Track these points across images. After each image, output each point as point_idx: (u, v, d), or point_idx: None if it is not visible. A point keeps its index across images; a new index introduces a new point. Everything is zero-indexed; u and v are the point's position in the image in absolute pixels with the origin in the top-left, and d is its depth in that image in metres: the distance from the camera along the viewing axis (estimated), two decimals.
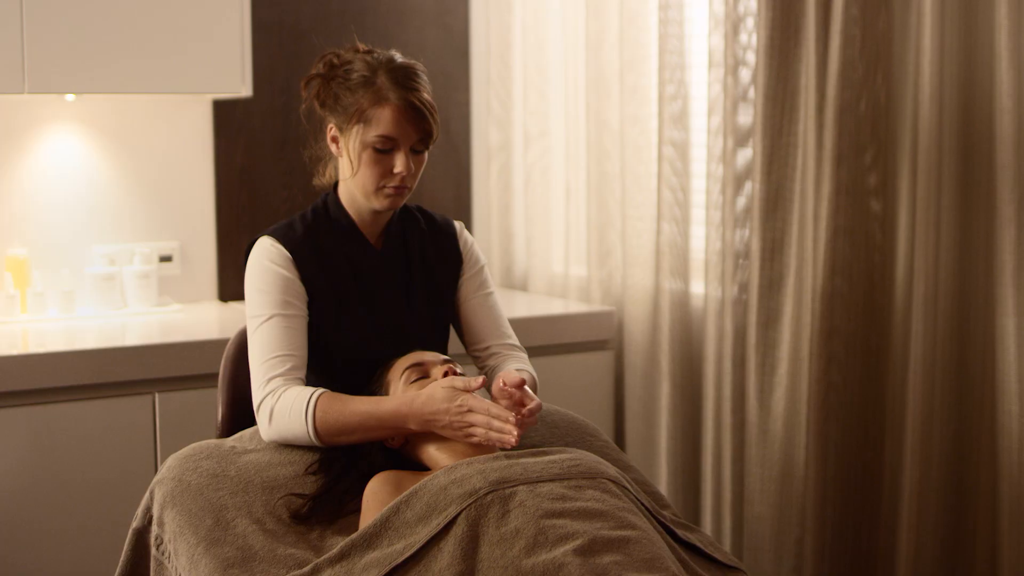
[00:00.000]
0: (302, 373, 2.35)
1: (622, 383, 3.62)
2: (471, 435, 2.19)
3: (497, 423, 2.17)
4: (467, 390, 2.20)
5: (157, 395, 3.06)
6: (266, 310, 2.36)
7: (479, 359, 2.59)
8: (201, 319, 3.44)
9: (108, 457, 3.02)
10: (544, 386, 3.35)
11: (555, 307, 3.68)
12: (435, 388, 2.23)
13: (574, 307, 3.65)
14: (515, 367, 2.52)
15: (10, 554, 2.94)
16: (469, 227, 4.14)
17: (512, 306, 3.71)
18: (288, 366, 2.32)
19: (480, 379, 2.22)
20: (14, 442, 2.93)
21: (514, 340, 2.61)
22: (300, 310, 2.38)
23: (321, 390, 2.29)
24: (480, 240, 4.15)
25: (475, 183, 4.16)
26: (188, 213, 3.70)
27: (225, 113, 3.73)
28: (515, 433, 2.15)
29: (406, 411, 2.24)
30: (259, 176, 3.78)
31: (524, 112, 3.96)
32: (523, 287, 4.05)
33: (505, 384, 2.21)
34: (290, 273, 2.38)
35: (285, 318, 2.35)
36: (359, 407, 2.27)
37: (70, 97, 3.49)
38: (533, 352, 3.39)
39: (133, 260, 3.54)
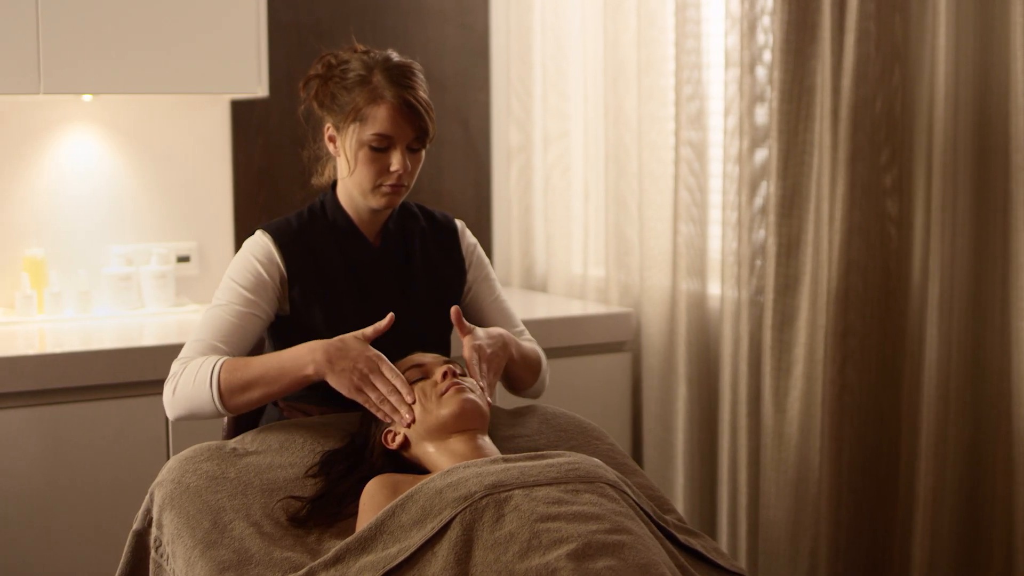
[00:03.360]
0: None
1: (639, 385, 3.60)
2: (361, 391, 2.22)
3: (394, 399, 2.20)
4: (376, 332, 2.25)
5: None
6: (225, 298, 2.39)
7: None
8: None
9: (120, 458, 3.02)
10: (562, 388, 3.33)
11: (574, 308, 3.66)
12: (348, 336, 2.26)
13: (592, 308, 3.64)
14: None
15: (23, 553, 2.95)
16: (489, 228, 4.13)
17: (532, 307, 3.69)
18: (208, 353, 2.34)
19: (388, 317, 2.26)
20: (29, 442, 2.94)
21: (525, 334, 2.64)
22: (262, 311, 2.39)
23: (227, 357, 2.31)
24: (500, 241, 4.14)
25: (495, 184, 4.14)
26: (206, 213, 3.70)
27: (243, 113, 3.73)
28: (406, 420, 2.19)
29: (306, 352, 2.25)
30: (277, 176, 3.79)
31: (544, 112, 3.94)
32: (543, 288, 4.03)
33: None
34: (267, 273, 2.40)
35: (237, 313, 2.37)
36: (261, 360, 2.29)
37: (87, 98, 3.49)
38: (552, 353, 3.38)
39: (150, 260, 3.55)
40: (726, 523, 3.26)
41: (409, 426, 2.20)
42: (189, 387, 2.30)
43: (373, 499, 2.09)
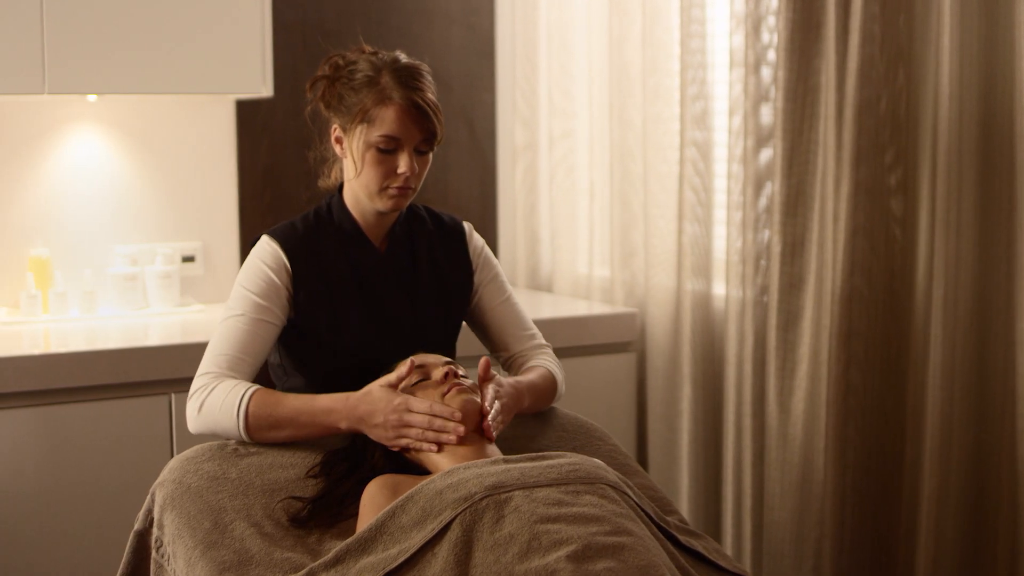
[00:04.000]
0: (243, 377, 2.34)
1: (644, 385, 3.60)
2: (402, 436, 2.19)
3: (439, 422, 2.18)
4: (399, 382, 2.22)
5: (173, 395, 3.05)
6: (240, 307, 2.37)
7: (506, 364, 2.59)
8: None
9: (125, 457, 3.02)
10: (567, 388, 3.31)
11: (579, 308, 3.65)
12: (373, 386, 2.24)
13: (598, 308, 3.63)
14: (531, 364, 2.54)
15: (27, 551, 2.95)
16: (494, 227, 4.13)
17: (537, 307, 3.69)
18: (231, 366, 2.33)
19: (408, 363, 2.23)
20: (34, 441, 2.94)
21: (538, 338, 2.62)
22: (275, 317, 2.38)
23: (257, 386, 2.29)
24: (505, 240, 4.14)
25: (500, 183, 4.14)
26: (211, 213, 3.70)
27: (248, 113, 3.73)
28: (459, 431, 2.16)
29: (340, 407, 2.24)
30: (282, 176, 3.78)
31: (549, 112, 3.94)
32: (548, 288, 4.03)
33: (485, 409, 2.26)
34: (278, 278, 2.38)
35: (253, 321, 2.36)
36: (294, 403, 2.27)
37: (92, 97, 3.50)
38: (557, 354, 3.36)
39: (155, 260, 3.55)
40: (730, 524, 3.25)
41: (461, 441, 2.18)
42: (215, 411, 2.28)
43: (373, 500, 2.09)
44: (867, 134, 2.81)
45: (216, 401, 2.28)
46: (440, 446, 2.18)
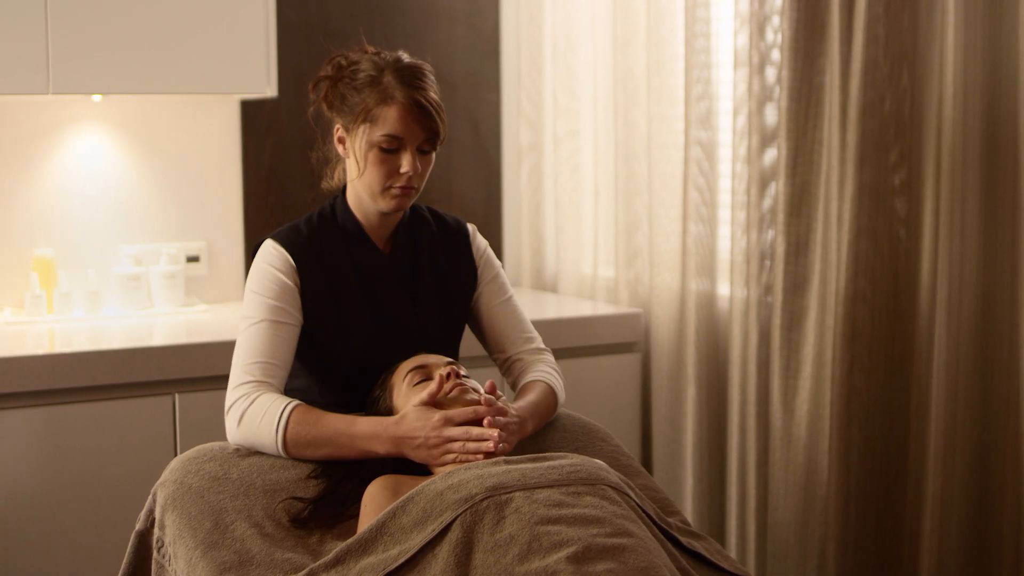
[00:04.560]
0: (278, 382, 2.33)
1: (649, 386, 3.59)
2: (447, 452, 2.18)
3: (476, 430, 2.16)
4: (432, 399, 2.21)
5: (177, 396, 3.05)
6: (258, 313, 2.35)
7: (503, 367, 2.58)
8: (226, 319, 3.44)
9: (128, 457, 3.02)
10: (572, 389, 3.32)
11: (584, 309, 3.65)
12: (408, 409, 2.23)
13: (602, 309, 3.63)
14: (531, 378, 2.51)
15: (29, 552, 2.95)
16: (499, 228, 4.12)
17: (542, 308, 3.68)
18: (265, 373, 2.31)
19: (437, 379, 2.22)
20: (38, 441, 2.94)
21: (536, 342, 2.59)
22: (293, 318, 2.37)
23: (297, 402, 2.28)
24: (510, 241, 4.13)
25: (505, 184, 4.14)
26: (215, 213, 3.71)
27: (253, 113, 3.73)
28: (495, 435, 2.15)
29: (380, 431, 2.22)
30: (287, 176, 3.78)
31: (554, 112, 3.93)
32: (553, 288, 4.02)
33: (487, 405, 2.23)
34: (289, 279, 2.37)
35: (274, 325, 2.34)
36: (333, 423, 2.25)
37: (96, 98, 3.50)
38: (561, 354, 3.37)
39: (160, 260, 3.55)
40: (735, 524, 3.25)
41: (496, 448, 2.17)
42: (255, 425, 2.27)
43: (374, 500, 2.09)
44: (871, 134, 2.80)
45: (256, 415, 2.27)
46: (485, 455, 2.16)
